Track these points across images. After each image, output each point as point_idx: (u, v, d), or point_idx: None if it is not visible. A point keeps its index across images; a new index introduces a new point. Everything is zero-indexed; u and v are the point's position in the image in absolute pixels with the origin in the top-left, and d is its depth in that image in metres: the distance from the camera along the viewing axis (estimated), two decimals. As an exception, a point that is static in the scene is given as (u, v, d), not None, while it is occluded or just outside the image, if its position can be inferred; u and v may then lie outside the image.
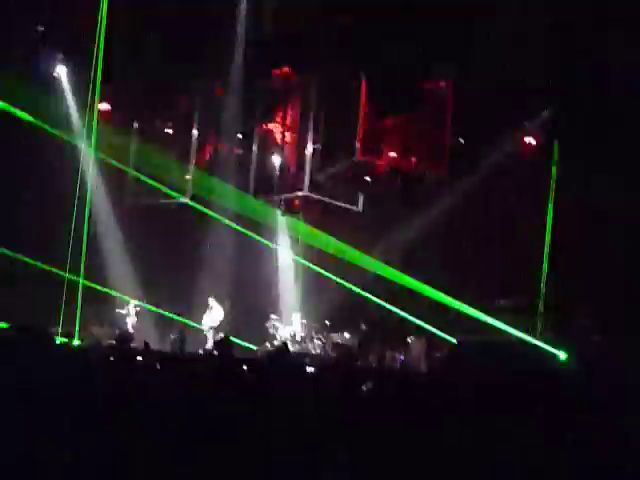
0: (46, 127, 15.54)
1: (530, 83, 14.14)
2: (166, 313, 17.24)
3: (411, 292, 16.05)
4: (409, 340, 16.47)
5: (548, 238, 15.32)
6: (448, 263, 16.31)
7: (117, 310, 16.98)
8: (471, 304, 15.23)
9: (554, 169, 15.16)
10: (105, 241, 17.60)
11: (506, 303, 16.15)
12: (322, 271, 17.23)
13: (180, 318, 17.20)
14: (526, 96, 14.57)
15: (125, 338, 15.10)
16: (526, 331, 13.90)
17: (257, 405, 5.09)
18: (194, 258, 17.98)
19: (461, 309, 15.22)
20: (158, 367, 8.91)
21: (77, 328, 14.23)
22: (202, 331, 17.10)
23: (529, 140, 15.96)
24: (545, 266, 15.29)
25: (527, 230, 15.44)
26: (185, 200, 18.21)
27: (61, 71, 17.13)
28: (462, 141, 16.49)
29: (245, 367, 8.83)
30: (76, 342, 13.35)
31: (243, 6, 16.63)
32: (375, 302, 16.59)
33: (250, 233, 17.79)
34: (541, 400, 6.37)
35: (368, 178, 16.57)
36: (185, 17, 16.36)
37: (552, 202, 15.20)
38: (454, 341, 13.67)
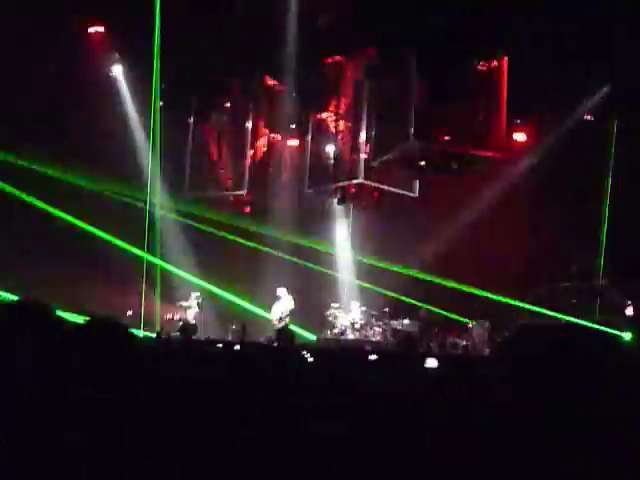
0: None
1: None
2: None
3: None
4: (470, 325, 16.30)
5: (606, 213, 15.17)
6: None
7: (179, 303, 17.18)
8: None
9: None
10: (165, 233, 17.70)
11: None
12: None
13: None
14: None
15: (188, 329, 15.45)
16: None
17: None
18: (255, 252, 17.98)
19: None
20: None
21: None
22: (266, 322, 17.01)
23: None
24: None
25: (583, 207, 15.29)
26: (242, 193, 18.48)
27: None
28: (519, 122, 16.24)
29: (307, 353, 8.93)
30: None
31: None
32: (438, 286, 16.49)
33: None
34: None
35: (423, 163, 16.40)
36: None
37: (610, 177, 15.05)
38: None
